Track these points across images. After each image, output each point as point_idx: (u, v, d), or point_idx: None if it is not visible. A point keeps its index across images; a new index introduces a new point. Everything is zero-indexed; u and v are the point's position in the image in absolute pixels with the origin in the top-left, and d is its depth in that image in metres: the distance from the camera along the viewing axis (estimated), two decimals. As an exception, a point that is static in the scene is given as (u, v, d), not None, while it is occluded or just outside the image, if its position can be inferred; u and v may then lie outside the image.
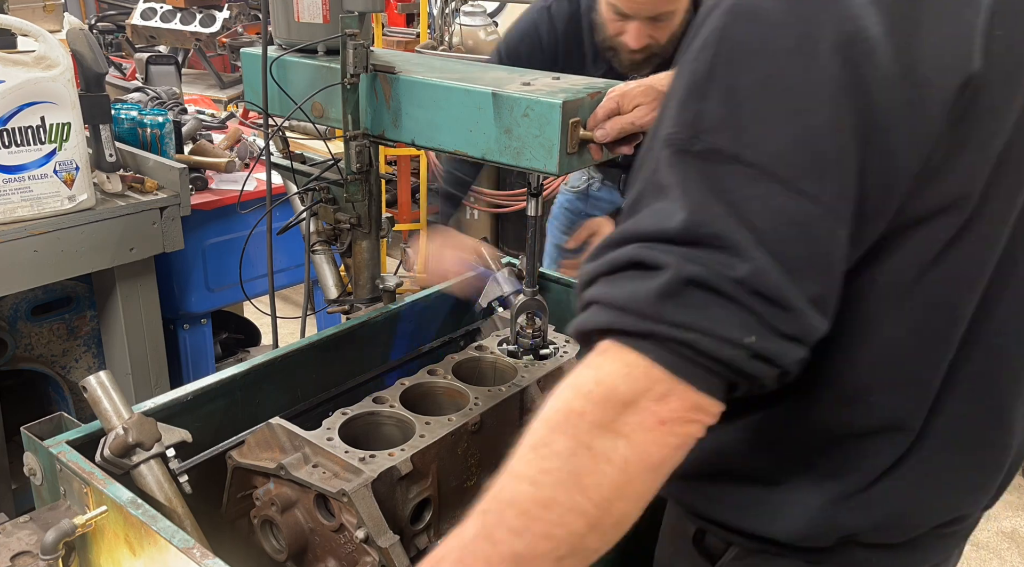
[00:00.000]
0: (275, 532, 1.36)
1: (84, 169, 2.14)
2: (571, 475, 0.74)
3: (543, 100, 1.37)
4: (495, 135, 1.45)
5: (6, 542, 1.21)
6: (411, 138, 1.61)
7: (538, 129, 1.38)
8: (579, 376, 0.77)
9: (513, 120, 1.41)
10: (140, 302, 2.39)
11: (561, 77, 1.52)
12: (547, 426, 0.77)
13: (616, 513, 0.75)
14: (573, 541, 0.74)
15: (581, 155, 1.42)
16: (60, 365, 2.52)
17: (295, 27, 1.75)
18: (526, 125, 1.40)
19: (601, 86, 1.44)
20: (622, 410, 0.73)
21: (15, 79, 1.97)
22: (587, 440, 0.74)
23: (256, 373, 1.62)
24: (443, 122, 1.53)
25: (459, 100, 1.49)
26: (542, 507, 0.74)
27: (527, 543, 0.74)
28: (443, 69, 1.62)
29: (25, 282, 2.14)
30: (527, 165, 1.42)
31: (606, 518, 0.75)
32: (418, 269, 2.23)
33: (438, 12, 4.88)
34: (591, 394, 0.75)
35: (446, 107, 1.51)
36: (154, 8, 4.81)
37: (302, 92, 1.73)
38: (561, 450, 0.74)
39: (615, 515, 0.75)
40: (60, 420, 1.38)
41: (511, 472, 0.78)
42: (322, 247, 1.98)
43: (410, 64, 1.64)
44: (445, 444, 1.41)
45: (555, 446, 0.75)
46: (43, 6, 2.78)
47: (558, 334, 1.82)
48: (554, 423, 0.76)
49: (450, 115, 1.51)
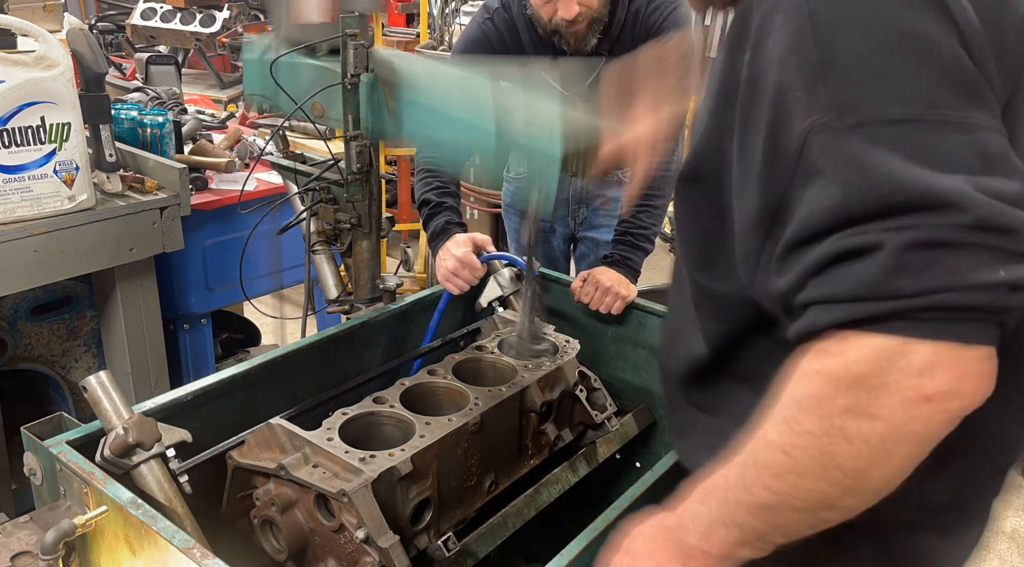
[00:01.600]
0: (275, 532, 1.36)
1: (84, 169, 2.14)
2: (823, 453, 0.75)
3: (544, 150, 1.37)
4: (494, 168, 1.47)
5: (6, 542, 1.21)
6: (412, 147, 1.63)
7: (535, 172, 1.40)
8: (824, 363, 0.76)
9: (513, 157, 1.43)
10: (140, 302, 2.39)
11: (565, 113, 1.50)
12: (797, 405, 0.78)
13: (874, 481, 0.76)
14: (829, 502, 0.78)
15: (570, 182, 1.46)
16: (60, 365, 2.52)
17: (297, 26, 1.75)
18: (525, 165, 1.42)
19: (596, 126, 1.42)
20: (877, 393, 0.72)
21: (15, 79, 1.97)
22: (840, 423, 0.74)
23: (256, 373, 1.62)
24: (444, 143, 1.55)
25: (462, 131, 1.49)
26: (796, 475, 0.78)
27: (782, 500, 0.80)
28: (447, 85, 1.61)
29: (25, 282, 2.14)
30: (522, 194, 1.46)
31: (864, 483, 0.76)
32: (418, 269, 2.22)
33: (438, 12, 4.88)
34: (841, 380, 0.74)
35: (448, 133, 1.52)
36: (154, 8, 4.81)
37: (302, 92, 1.73)
38: (813, 429, 0.76)
39: (874, 481, 0.76)
40: (60, 420, 1.38)
41: (765, 436, 0.80)
42: (322, 247, 1.99)
43: (413, 73, 1.63)
44: (445, 444, 1.41)
45: (806, 425, 0.76)
46: (43, 6, 2.79)
47: (558, 334, 1.82)
48: (804, 405, 0.77)
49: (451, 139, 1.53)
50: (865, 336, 0.73)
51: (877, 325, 0.73)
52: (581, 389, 1.77)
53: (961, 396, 0.73)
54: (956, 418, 0.74)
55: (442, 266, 2.02)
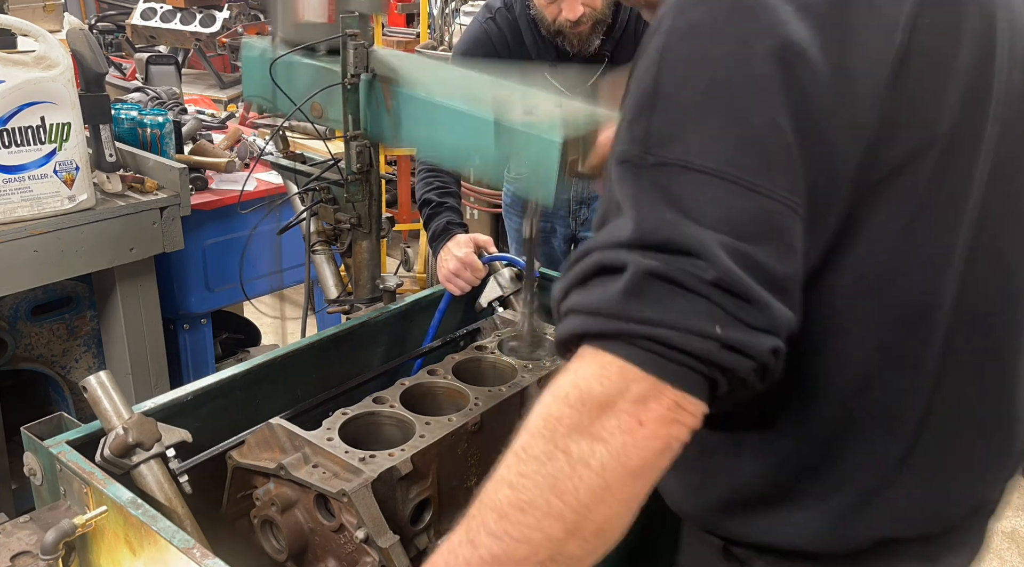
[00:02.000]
0: (275, 532, 1.36)
1: (84, 169, 2.14)
2: (547, 479, 0.73)
3: (544, 137, 1.36)
4: (494, 160, 1.45)
5: (6, 542, 1.21)
6: (410, 147, 1.62)
7: (536, 163, 1.38)
8: (558, 382, 0.77)
9: (513, 149, 1.42)
10: (140, 302, 2.39)
11: (563, 102, 1.52)
12: (528, 431, 0.77)
13: (597, 519, 0.74)
14: (552, 546, 0.74)
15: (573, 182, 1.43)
16: (60, 365, 2.52)
17: (297, 26, 1.75)
18: (525, 156, 1.40)
19: (600, 116, 1.43)
20: (599, 413, 0.73)
21: (15, 79, 1.97)
22: (563, 444, 0.73)
23: (256, 373, 1.62)
24: (443, 139, 1.54)
25: (460, 123, 1.48)
26: (519, 511, 0.74)
27: (506, 547, 0.74)
28: (446, 81, 1.61)
29: (25, 282, 2.14)
30: (523, 193, 1.44)
31: (586, 524, 0.74)
32: (418, 269, 2.23)
33: (438, 12, 4.88)
34: (568, 398, 0.74)
35: (447, 127, 1.51)
36: (154, 8, 4.81)
37: (302, 92, 1.73)
38: (538, 454, 0.74)
39: (596, 521, 0.74)
40: (60, 420, 1.38)
41: (495, 477, 0.78)
42: (322, 247, 1.98)
43: (412, 71, 1.63)
44: (445, 444, 1.41)
45: (533, 451, 0.75)
46: (43, 6, 2.79)
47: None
48: (534, 428, 0.76)
49: (450, 134, 1.52)
50: (598, 353, 0.74)
51: (607, 342, 0.74)
52: (581, 389, 1.77)
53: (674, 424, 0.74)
54: (672, 448, 0.75)
55: (443, 267, 2.02)
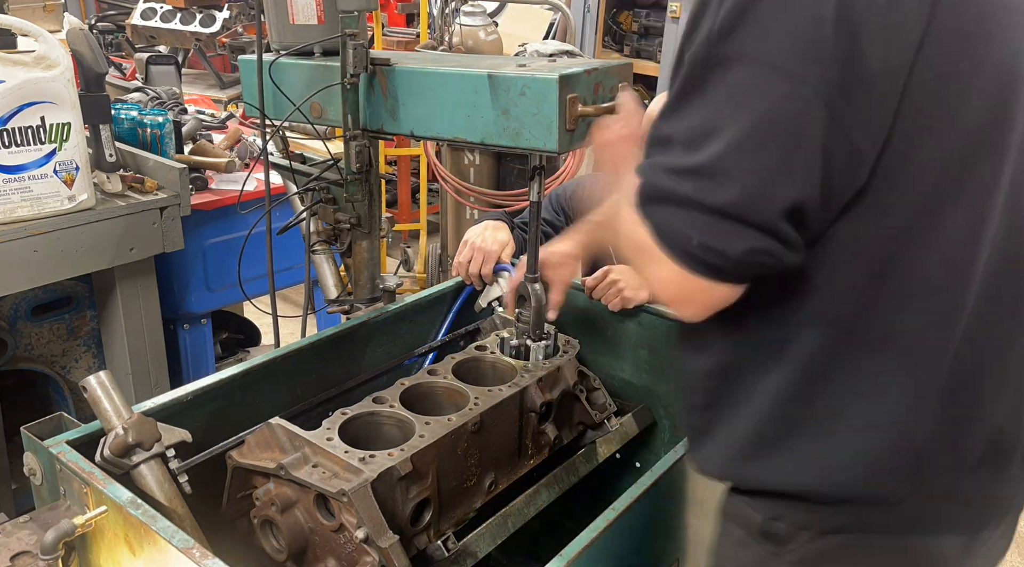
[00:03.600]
0: (275, 532, 1.36)
1: (84, 169, 2.14)
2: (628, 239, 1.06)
3: (540, 77, 1.36)
4: (493, 117, 1.44)
5: (6, 542, 1.21)
6: (409, 129, 1.61)
7: (536, 107, 1.38)
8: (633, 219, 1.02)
9: (510, 100, 1.41)
10: (140, 302, 2.39)
11: (557, 60, 1.53)
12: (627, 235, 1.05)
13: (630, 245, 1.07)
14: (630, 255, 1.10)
15: (580, 133, 1.42)
16: (60, 365, 2.52)
17: (290, 29, 1.75)
18: (524, 104, 1.39)
19: (597, 65, 1.44)
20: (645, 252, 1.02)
21: (15, 79, 1.97)
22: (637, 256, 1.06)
23: (256, 373, 1.62)
24: (440, 109, 1.53)
25: (455, 85, 1.49)
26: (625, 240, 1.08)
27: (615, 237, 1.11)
28: (438, 59, 1.62)
29: (25, 282, 2.14)
30: (527, 145, 1.42)
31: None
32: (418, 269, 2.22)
33: (438, 12, 4.87)
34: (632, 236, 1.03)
35: (443, 94, 1.51)
36: (154, 8, 4.80)
37: (300, 94, 1.73)
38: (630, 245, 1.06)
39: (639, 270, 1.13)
40: (60, 420, 1.38)
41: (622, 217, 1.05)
42: (322, 247, 1.99)
43: (406, 58, 1.64)
44: (445, 444, 1.41)
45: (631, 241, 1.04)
46: (43, 6, 2.79)
47: (559, 334, 1.82)
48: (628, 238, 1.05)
49: (447, 101, 1.52)
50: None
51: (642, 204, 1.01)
52: (581, 389, 1.78)
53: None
54: None
55: (478, 233, 2.04)
